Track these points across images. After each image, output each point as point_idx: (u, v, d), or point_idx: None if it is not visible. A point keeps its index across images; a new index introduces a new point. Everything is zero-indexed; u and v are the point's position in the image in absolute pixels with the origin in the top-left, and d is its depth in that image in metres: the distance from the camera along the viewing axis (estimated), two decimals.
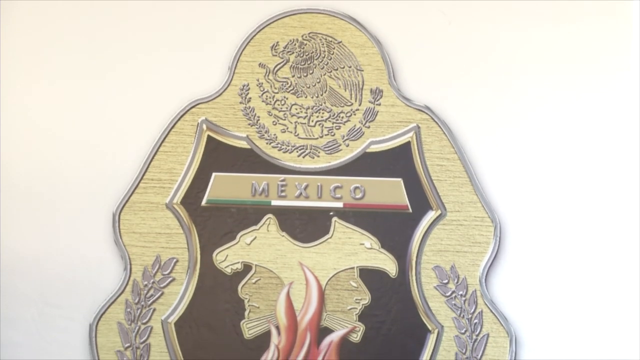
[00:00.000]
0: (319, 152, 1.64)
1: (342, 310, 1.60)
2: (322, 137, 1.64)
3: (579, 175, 1.63)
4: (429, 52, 1.66)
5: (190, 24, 1.67)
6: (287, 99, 1.65)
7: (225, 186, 1.63)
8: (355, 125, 1.64)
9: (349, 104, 1.65)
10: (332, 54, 1.65)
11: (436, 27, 1.67)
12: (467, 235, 1.61)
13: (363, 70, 1.65)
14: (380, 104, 1.65)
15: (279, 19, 1.66)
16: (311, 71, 1.66)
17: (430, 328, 1.59)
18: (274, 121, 1.65)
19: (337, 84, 1.65)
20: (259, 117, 1.65)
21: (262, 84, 1.65)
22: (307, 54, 1.66)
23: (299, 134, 1.64)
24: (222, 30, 1.66)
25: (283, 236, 1.62)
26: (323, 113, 1.65)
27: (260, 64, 1.66)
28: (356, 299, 1.60)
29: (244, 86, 1.65)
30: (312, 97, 1.65)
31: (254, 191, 1.63)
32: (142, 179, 1.63)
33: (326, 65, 1.66)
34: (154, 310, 1.60)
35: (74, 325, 1.60)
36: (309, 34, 1.66)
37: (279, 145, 1.64)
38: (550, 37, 1.66)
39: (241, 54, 1.66)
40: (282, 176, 1.63)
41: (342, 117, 1.65)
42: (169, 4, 1.67)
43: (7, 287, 1.61)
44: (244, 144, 1.64)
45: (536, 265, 1.61)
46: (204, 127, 1.64)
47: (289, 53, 1.66)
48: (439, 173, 1.63)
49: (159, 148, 1.64)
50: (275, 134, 1.64)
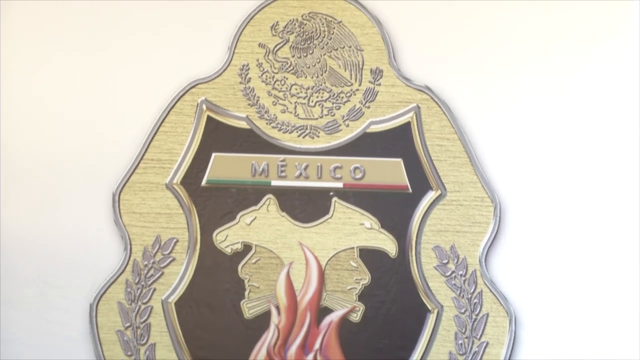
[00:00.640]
0: (319, 133, 1.64)
1: (342, 290, 1.60)
2: (322, 117, 1.64)
3: (579, 155, 1.63)
4: (429, 32, 1.66)
5: (190, 4, 1.66)
6: (287, 79, 1.65)
7: (225, 166, 1.63)
8: (355, 106, 1.64)
9: (349, 84, 1.65)
10: (332, 33, 1.65)
11: (436, 7, 1.67)
12: (467, 215, 1.61)
13: (363, 50, 1.65)
14: (380, 84, 1.65)
15: None
16: (311, 51, 1.65)
17: (430, 308, 1.60)
18: (273, 101, 1.64)
19: (337, 64, 1.65)
20: (258, 97, 1.64)
21: (262, 64, 1.65)
22: (307, 33, 1.65)
23: (298, 114, 1.64)
24: (222, 10, 1.66)
25: (283, 216, 1.62)
26: (323, 93, 1.65)
27: (260, 44, 1.66)
28: (356, 279, 1.61)
29: (243, 66, 1.65)
30: (312, 77, 1.65)
31: (254, 171, 1.63)
32: (142, 159, 1.63)
33: (326, 45, 1.65)
34: (154, 290, 1.60)
35: (75, 305, 1.60)
36: (309, 13, 1.66)
37: (279, 126, 1.64)
38: (550, 16, 1.65)
39: (241, 34, 1.65)
40: (282, 156, 1.63)
41: (342, 97, 1.64)
42: None
43: (7, 267, 1.61)
44: (243, 124, 1.64)
45: (536, 245, 1.61)
46: (204, 107, 1.64)
47: (289, 33, 1.66)
48: (439, 153, 1.63)
49: (158, 128, 1.63)
50: (275, 114, 1.64)
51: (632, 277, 1.60)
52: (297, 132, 1.64)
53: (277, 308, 1.60)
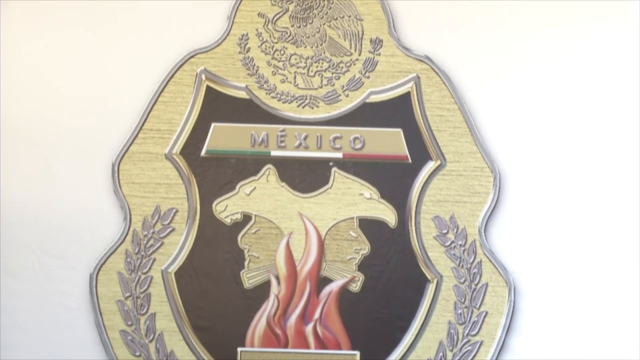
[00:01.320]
0: (319, 103, 1.64)
1: (341, 260, 1.61)
2: (321, 87, 1.64)
3: (579, 126, 1.63)
4: (430, 2, 1.65)
5: None
6: (287, 48, 1.64)
7: (225, 136, 1.62)
8: (354, 76, 1.64)
9: (349, 54, 1.64)
10: (332, 3, 1.64)
11: None
12: (466, 186, 1.61)
13: (363, 20, 1.65)
14: (380, 54, 1.64)
15: None
16: (310, 21, 1.65)
17: (429, 278, 1.60)
18: (273, 71, 1.64)
19: (336, 34, 1.65)
20: (258, 67, 1.64)
21: (262, 33, 1.64)
22: (306, 3, 1.65)
23: (298, 84, 1.64)
24: None
25: (283, 186, 1.62)
26: (322, 63, 1.64)
27: (259, 13, 1.65)
28: (356, 249, 1.61)
29: (243, 36, 1.64)
30: (312, 47, 1.64)
31: (254, 141, 1.62)
32: (141, 129, 1.62)
33: (326, 14, 1.65)
34: (154, 260, 1.61)
35: (75, 275, 1.60)
36: None
37: (279, 96, 1.64)
38: None
39: (240, 3, 1.65)
40: (282, 126, 1.63)
41: (342, 67, 1.64)
42: None
43: (7, 237, 1.61)
44: (243, 94, 1.64)
45: (535, 215, 1.61)
46: (203, 77, 1.63)
47: (288, 2, 1.65)
48: (438, 123, 1.63)
49: (157, 98, 1.63)
50: (274, 84, 1.64)
51: (630, 245, 1.60)
52: (296, 102, 1.63)
53: (277, 278, 1.60)
